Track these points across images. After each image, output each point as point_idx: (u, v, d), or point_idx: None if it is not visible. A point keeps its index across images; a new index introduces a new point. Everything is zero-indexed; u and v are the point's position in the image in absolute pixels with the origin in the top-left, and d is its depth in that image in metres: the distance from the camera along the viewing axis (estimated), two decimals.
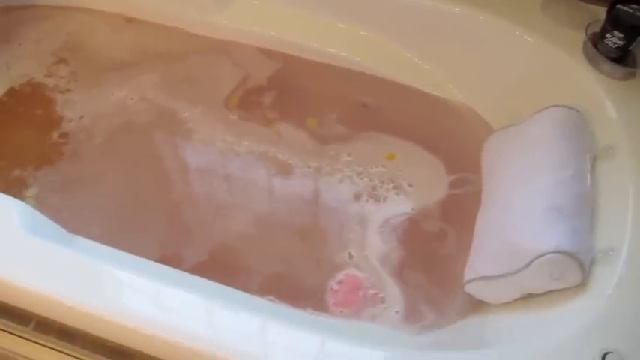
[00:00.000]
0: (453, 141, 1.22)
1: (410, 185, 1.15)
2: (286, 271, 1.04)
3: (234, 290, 0.91)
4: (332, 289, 1.02)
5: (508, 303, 0.91)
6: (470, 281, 0.93)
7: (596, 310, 0.79)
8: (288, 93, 1.27)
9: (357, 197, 1.14)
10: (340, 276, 1.03)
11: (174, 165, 1.17)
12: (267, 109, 1.24)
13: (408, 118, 1.25)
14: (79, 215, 1.10)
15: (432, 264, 1.05)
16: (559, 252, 0.81)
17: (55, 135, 1.20)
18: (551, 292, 0.85)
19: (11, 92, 1.27)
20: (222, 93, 1.26)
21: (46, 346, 0.81)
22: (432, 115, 1.25)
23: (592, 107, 1.00)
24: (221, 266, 1.03)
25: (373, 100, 1.28)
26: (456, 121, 1.24)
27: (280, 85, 1.28)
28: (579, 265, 0.81)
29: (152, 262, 0.93)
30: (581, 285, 0.82)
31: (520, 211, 0.90)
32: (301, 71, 1.30)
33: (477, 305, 0.96)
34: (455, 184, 1.16)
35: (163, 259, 1.01)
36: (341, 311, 0.99)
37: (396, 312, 0.99)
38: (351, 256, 1.05)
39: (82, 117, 1.23)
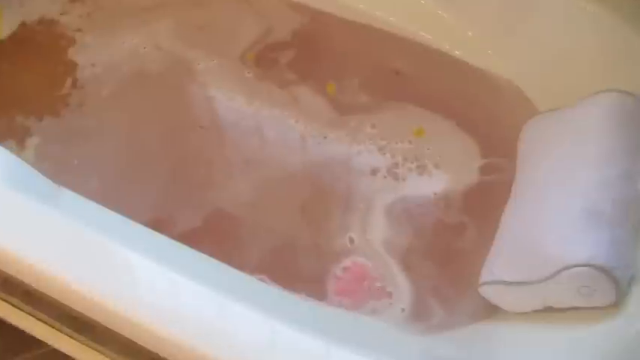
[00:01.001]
0: (491, 120, 1.09)
1: (436, 166, 1.03)
2: (285, 248, 0.95)
3: (219, 264, 0.83)
4: (335, 275, 0.92)
5: (526, 313, 0.80)
6: (486, 284, 0.82)
7: (627, 337, 0.67)
8: (312, 52, 1.15)
9: (374, 172, 1.03)
10: (346, 262, 0.94)
11: (182, 121, 1.08)
12: (286, 68, 1.13)
13: (444, 90, 1.12)
14: (78, 168, 1.04)
15: (447, 258, 0.94)
16: (591, 266, 0.69)
17: (64, 83, 1.13)
18: (577, 308, 0.74)
19: (22, 28, 1.20)
20: (240, 46, 1.16)
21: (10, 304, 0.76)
22: (472, 89, 1.12)
23: None
24: (214, 235, 0.95)
25: (407, 67, 1.14)
26: (498, 98, 1.10)
27: (304, 43, 1.16)
28: (614, 284, 0.69)
29: (139, 226, 0.85)
30: (615, 306, 0.70)
31: (552, 211, 0.78)
32: (330, 29, 1.18)
33: (491, 310, 0.85)
34: (486, 170, 1.03)
35: (155, 222, 0.94)
36: (340, 301, 0.90)
37: (402, 310, 0.89)
38: (352, 241, 0.95)
39: (93, 64, 1.16)
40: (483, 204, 0.98)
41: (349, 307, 0.89)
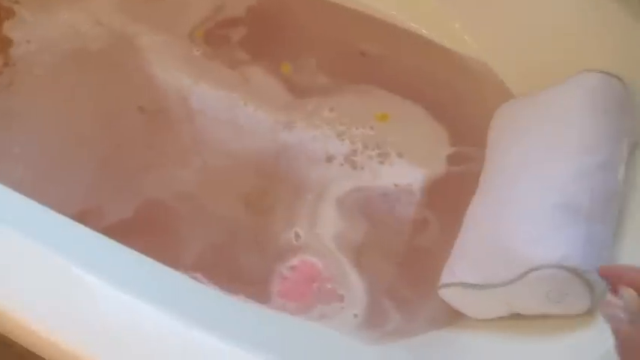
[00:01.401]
0: (462, 106, 0.99)
1: (399, 155, 0.93)
2: (225, 244, 0.84)
3: (147, 261, 0.73)
4: (281, 275, 0.82)
5: (491, 320, 0.71)
6: (446, 285, 0.72)
7: (601, 350, 0.58)
8: (267, 30, 1.05)
9: (330, 160, 0.93)
10: (294, 260, 0.83)
11: (120, 102, 0.97)
12: (238, 47, 1.02)
13: (412, 72, 1.02)
14: (2, 154, 0.93)
15: (406, 257, 0.84)
16: (563, 267, 0.60)
17: None
18: (547, 316, 0.65)
19: None
20: (189, 22, 1.05)
21: None
22: (442, 72, 1.01)
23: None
24: (146, 228, 0.85)
25: (374, 48, 1.05)
26: (470, 82, 1.00)
27: (259, 20, 1.05)
28: (589, 288, 0.60)
29: (61, 218, 0.75)
30: (589, 314, 0.61)
31: (522, 205, 0.68)
32: (289, 6, 1.07)
33: (453, 316, 0.75)
34: (455, 160, 0.93)
35: (82, 213, 0.85)
36: (284, 304, 0.80)
37: (355, 315, 0.79)
38: (297, 236, 0.85)
39: (29, 41, 1.05)
40: (450, 197, 0.88)
41: (295, 311, 0.79)
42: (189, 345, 0.57)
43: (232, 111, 0.97)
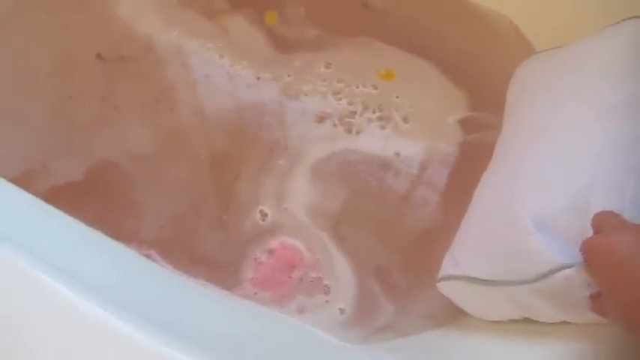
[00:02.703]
0: (481, 65, 0.85)
1: (405, 119, 0.80)
2: (188, 218, 0.73)
3: (91, 234, 0.62)
4: (256, 258, 0.71)
5: (501, 323, 0.58)
6: (447, 278, 0.59)
7: None
8: None
9: (321, 120, 0.80)
10: (272, 243, 0.71)
11: (77, 48, 0.85)
12: None
13: (423, 27, 0.88)
14: None
15: (402, 239, 0.71)
16: None
17: None
18: (569, 324, 0.52)
19: None
20: None
21: None
22: (459, 26, 0.88)
23: None
24: (99, 193, 0.74)
25: (379, 0, 0.91)
26: (489, 39, 0.86)
27: None
28: None
29: None
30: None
31: (544, 182, 0.54)
32: None
33: (455, 314, 0.63)
34: (470, 128, 0.80)
35: (26, 173, 0.74)
36: (255, 293, 0.68)
37: (341, 310, 0.68)
38: (264, 215, 0.73)
39: None
40: (461, 172, 0.75)
41: (269, 303, 0.67)
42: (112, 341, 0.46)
43: (205, 64, 0.84)
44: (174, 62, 0.84)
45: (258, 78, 0.82)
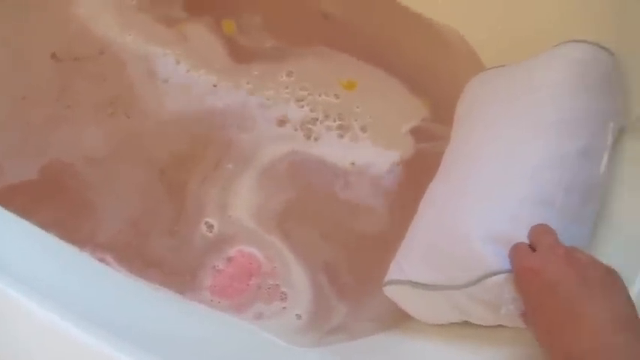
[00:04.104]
0: (436, 79, 0.90)
1: (363, 129, 0.84)
2: (142, 223, 0.75)
3: (41, 236, 0.64)
4: (214, 267, 0.73)
5: (442, 326, 0.63)
6: (392, 282, 0.63)
7: None
8: None
9: (282, 123, 0.84)
10: (231, 251, 0.74)
11: (32, 46, 0.87)
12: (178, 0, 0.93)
13: (383, 39, 0.92)
14: None
15: (352, 244, 0.75)
16: None
17: None
18: (505, 327, 0.57)
19: None
20: None
21: None
22: (416, 40, 0.92)
23: (636, 51, 0.67)
24: (51, 194, 0.76)
25: (339, 10, 0.94)
26: (443, 53, 0.90)
27: None
28: None
29: None
30: None
31: (484, 194, 0.59)
32: None
33: (401, 317, 0.67)
34: (424, 140, 0.85)
35: None
36: (211, 300, 0.71)
37: (298, 316, 0.71)
38: (209, 227, 0.75)
39: None
40: (414, 183, 0.80)
41: (227, 310, 0.70)
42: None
43: (161, 69, 0.87)
44: (130, 65, 0.86)
45: (215, 85, 0.86)
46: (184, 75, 0.87)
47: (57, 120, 0.81)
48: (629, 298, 0.46)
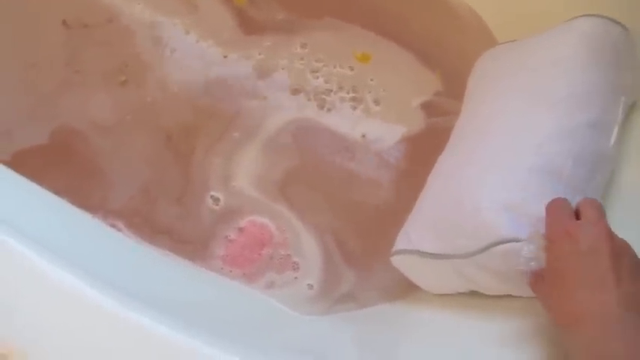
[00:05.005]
0: (450, 53, 0.91)
1: (376, 102, 0.86)
2: (153, 191, 0.77)
3: (54, 201, 0.65)
4: (227, 237, 0.75)
5: (449, 296, 0.65)
6: (399, 252, 0.65)
7: None
8: None
9: (295, 92, 0.86)
10: (242, 222, 0.76)
11: (43, 14, 0.88)
12: None
13: (395, 12, 0.93)
14: None
15: (358, 214, 0.78)
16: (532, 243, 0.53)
17: None
18: (512, 297, 0.59)
19: None
20: None
21: None
22: (429, 15, 0.93)
23: None
24: (62, 161, 0.78)
25: None
26: (456, 27, 0.92)
27: None
28: None
29: None
30: None
31: (492, 164, 0.61)
32: None
33: (408, 288, 0.69)
34: (437, 114, 0.86)
35: None
36: (227, 270, 0.73)
37: (310, 286, 0.73)
38: (215, 200, 0.77)
39: None
40: (423, 156, 0.81)
41: (239, 279, 0.72)
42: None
43: (170, 39, 0.88)
44: (139, 34, 0.88)
45: (225, 57, 0.87)
46: (193, 45, 0.88)
47: (67, 87, 0.83)
48: None
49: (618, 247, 0.48)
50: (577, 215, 0.52)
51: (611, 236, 0.48)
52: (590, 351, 0.45)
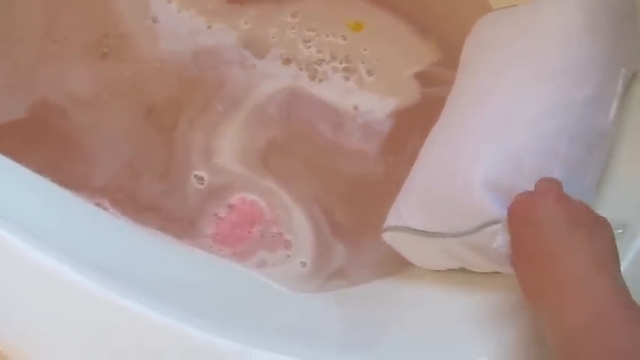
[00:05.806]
0: (445, 22, 0.89)
1: (369, 72, 0.85)
2: (140, 168, 0.76)
3: (40, 179, 0.65)
4: (216, 215, 0.75)
5: (440, 272, 0.65)
6: (391, 229, 0.65)
7: None
8: None
9: (287, 62, 0.85)
10: (232, 199, 0.76)
11: None
12: None
13: None
14: None
15: (352, 192, 0.77)
16: None
17: None
18: (501, 275, 0.59)
19: None
20: None
21: None
22: None
23: None
24: (42, 138, 0.77)
25: None
26: None
27: None
28: None
29: None
30: None
31: (486, 140, 0.60)
32: None
33: (401, 264, 0.69)
34: (431, 85, 0.85)
35: None
36: (216, 248, 0.72)
37: (303, 264, 0.73)
38: (200, 179, 0.76)
39: None
40: (415, 127, 0.81)
41: (230, 258, 0.72)
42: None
43: (151, 8, 0.86)
44: (119, 3, 0.86)
45: (210, 27, 0.85)
46: (175, 15, 0.86)
47: (44, 58, 0.81)
48: (614, 248, 0.48)
49: (573, 210, 0.49)
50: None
51: (563, 201, 0.49)
52: (553, 322, 0.45)
